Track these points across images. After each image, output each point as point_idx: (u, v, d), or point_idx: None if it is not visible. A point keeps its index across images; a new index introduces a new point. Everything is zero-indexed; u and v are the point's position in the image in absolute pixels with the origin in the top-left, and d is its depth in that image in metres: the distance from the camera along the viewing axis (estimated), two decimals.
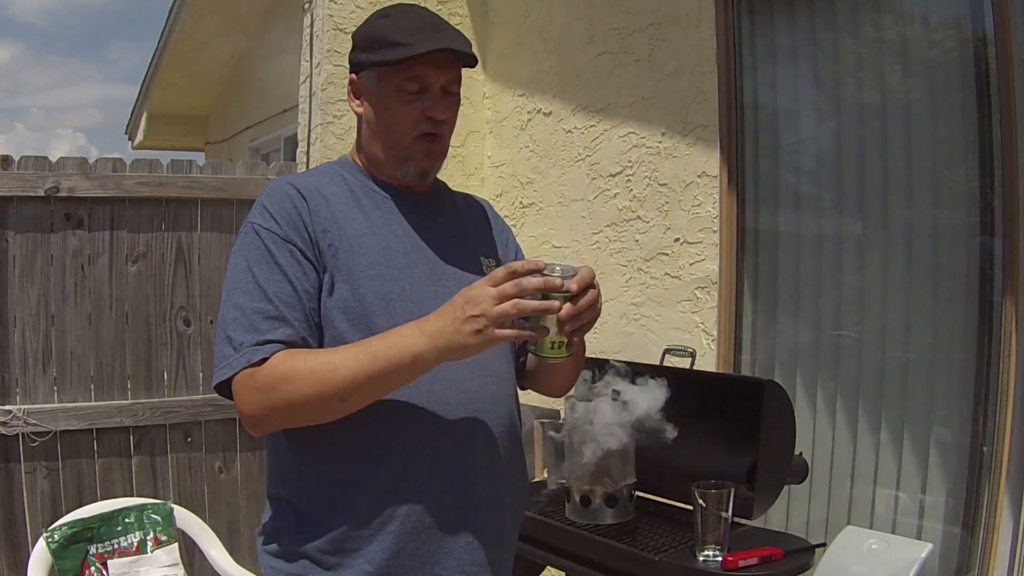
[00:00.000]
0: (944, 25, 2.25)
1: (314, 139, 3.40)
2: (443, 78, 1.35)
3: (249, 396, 1.23)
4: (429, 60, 1.31)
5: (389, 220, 1.38)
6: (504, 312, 1.14)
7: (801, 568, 1.90)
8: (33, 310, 2.99)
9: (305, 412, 1.24)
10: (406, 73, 1.33)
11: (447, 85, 1.36)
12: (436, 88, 1.34)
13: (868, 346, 2.37)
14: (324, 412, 1.24)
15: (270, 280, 1.27)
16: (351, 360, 1.20)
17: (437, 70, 1.33)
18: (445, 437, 1.30)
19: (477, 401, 1.33)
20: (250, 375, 1.23)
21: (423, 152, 1.37)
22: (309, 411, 1.23)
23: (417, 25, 1.34)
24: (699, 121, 2.72)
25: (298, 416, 1.25)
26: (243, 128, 6.29)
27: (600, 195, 3.09)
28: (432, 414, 1.29)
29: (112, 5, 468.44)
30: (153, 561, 2.51)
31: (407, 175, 1.39)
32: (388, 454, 1.28)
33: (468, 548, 1.32)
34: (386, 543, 1.27)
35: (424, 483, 1.28)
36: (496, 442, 1.35)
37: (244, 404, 1.24)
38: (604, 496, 2.12)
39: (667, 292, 2.82)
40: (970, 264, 2.16)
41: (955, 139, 2.20)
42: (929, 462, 2.21)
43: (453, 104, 1.38)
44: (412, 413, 1.28)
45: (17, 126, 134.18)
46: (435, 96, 1.35)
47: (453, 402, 1.31)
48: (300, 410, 1.23)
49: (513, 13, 3.53)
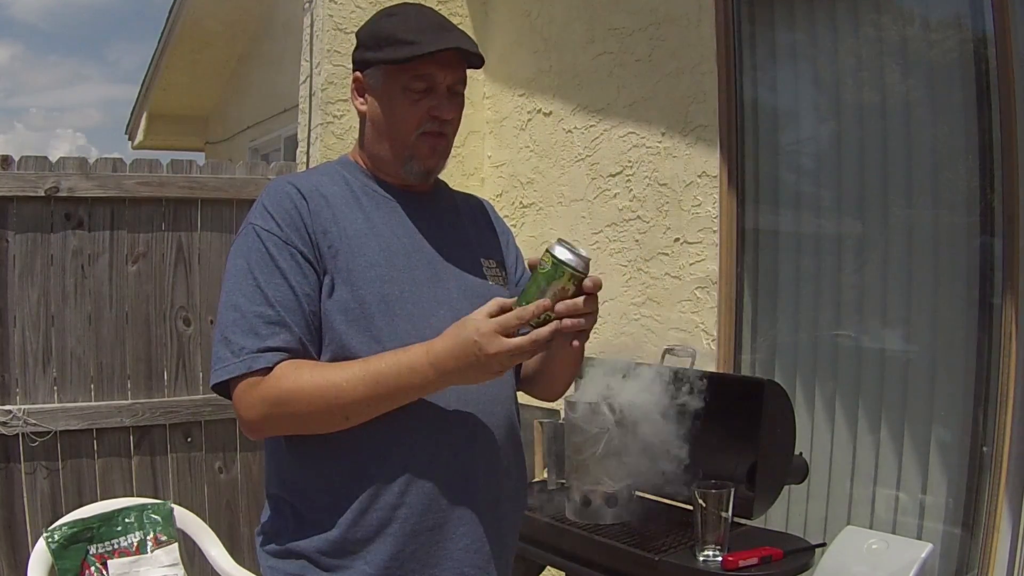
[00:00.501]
0: (944, 25, 2.25)
1: (314, 139, 3.40)
2: (449, 78, 1.35)
3: (252, 404, 1.25)
4: (437, 59, 1.32)
5: (390, 221, 1.38)
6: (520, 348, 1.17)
7: (801, 568, 1.90)
8: (33, 310, 2.99)
9: (307, 426, 1.27)
10: (413, 72, 1.33)
11: (453, 85, 1.36)
12: (442, 87, 1.35)
13: (868, 346, 2.37)
14: (326, 427, 1.27)
15: (271, 283, 1.27)
16: (357, 383, 1.21)
17: (444, 69, 1.34)
18: (444, 438, 1.30)
19: (477, 402, 1.33)
20: (254, 384, 1.24)
21: (429, 149, 1.37)
22: (311, 425, 1.27)
23: (425, 25, 1.35)
24: (699, 121, 2.72)
25: (299, 428, 1.29)
26: (243, 128, 6.29)
27: (600, 195, 3.09)
28: (431, 415, 1.29)
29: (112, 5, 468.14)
30: (153, 561, 2.51)
31: (411, 173, 1.39)
32: (387, 455, 1.28)
33: (468, 550, 1.32)
34: (385, 545, 1.27)
35: (423, 485, 1.28)
36: (496, 443, 1.35)
37: (246, 411, 1.26)
38: (604, 496, 2.12)
39: (667, 292, 2.82)
40: (970, 264, 2.16)
41: (955, 139, 2.20)
42: (929, 462, 2.21)
43: (458, 104, 1.39)
44: (411, 415, 1.27)
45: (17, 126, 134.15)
46: (441, 95, 1.35)
47: (452, 403, 1.31)
48: (302, 424, 1.27)
49: (513, 13, 3.53)
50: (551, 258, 1.19)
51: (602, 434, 2.09)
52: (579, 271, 1.19)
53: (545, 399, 1.57)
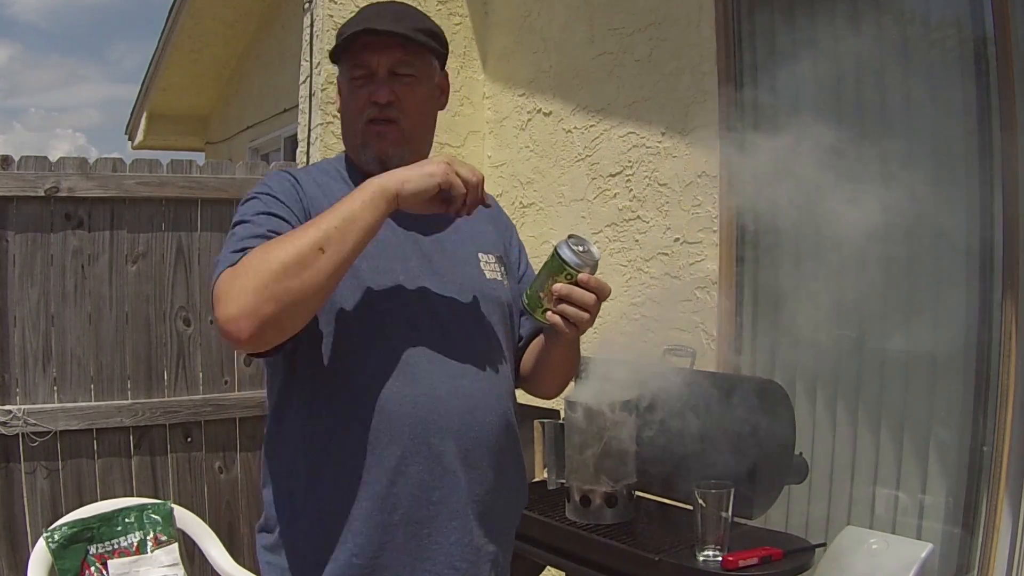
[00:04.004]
0: (944, 25, 2.25)
1: (314, 139, 3.40)
2: (385, 60, 1.35)
3: (228, 290, 1.15)
4: (367, 45, 1.34)
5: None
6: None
7: (801, 568, 1.90)
8: (33, 310, 2.99)
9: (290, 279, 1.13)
10: (352, 61, 1.36)
11: (393, 67, 1.36)
12: (382, 72, 1.35)
13: (868, 346, 2.37)
14: (311, 272, 1.14)
15: (263, 219, 1.28)
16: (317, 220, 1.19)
17: (376, 53, 1.35)
18: (434, 431, 1.30)
19: (469, 397, 1.33)
20: (230, 271, 1.18)
21: (375, 135, 1.37)
22: (294, 276, 1.13)
23: (367, 15, 1.37)
24: (699, 121, 2.72)
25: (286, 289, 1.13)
26: (243, 128, 6.29)
27: (600, 195, 3.09)
28: (422, 409, 1.29)
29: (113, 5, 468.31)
30: (153, 561, 2.51)
31: (367, 163, 1.39)
32: (376, 447, 1.28)
33: (459, 544, 1.32)
34: (374, 536, 1.27)
35: (412, 476, 1.28)
36: (489, 438, 1.35)
37: (223, 309, 1.14)
38: (604, 496, 2.12)
39: (667, 292, 2.82)
40: (970, 264, 2.16)
41: (955, 139, 2.19)
42: (929, 462, 2.21)
43: (403, 87, 1.36)
44: (402, 407, 1.28)
45: (16, 126, 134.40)
46: (380, 80, 1.35)
47: (444, 397, 1.31)
48: (284, 279, 1.13)
49: (513, 13, 3.53)
50: (554, 252, 1.28)
51: (602, 434, 2.09)
52: (573, 269, 1.26)
53: (544, 397, 1.57)
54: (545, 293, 1.28)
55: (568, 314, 1.27)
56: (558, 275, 1.27)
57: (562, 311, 1.27)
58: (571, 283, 1.27)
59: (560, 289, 1.27)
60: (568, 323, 1.28)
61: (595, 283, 1.27)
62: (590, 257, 1.28)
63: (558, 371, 1.49)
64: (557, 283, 1.27)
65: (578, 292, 1.27)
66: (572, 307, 1.27)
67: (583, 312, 1.27)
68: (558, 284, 1.27)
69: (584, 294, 1.27)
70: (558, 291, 1.27)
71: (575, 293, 1.27)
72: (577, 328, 1.28)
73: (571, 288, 1.27)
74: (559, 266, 1.27)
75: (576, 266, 1.26)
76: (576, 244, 1.28)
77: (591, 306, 1.27)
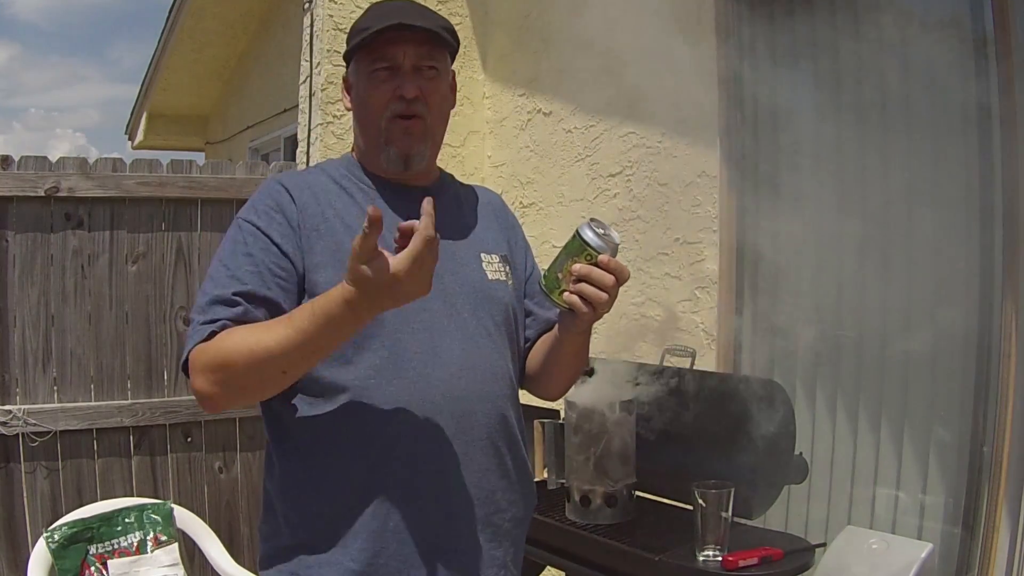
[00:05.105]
0: (944, 25, 2.25)
1: (314, 139, 3.40)
2: (411, 54, 1.35)
3: (196, 376, 1.23)
4: (392, 39, 1.33)
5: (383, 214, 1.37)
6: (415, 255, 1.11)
7: (801, 568, 1.90)
8: (33, 310, 2.99)
9: (252, 389, 1.24)
10: (375, 55, 1.35)
11: (417, 62, 1.36)
12: (406, 66, 1.35)
13: (868, 346, 2.36)
14: (271, 387, 1.24)
15: (239, 266, 1.28)
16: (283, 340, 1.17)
17: (402, 47, 1.34)
18: (427, 436, 1.29)
19: (463, 401, 1.32)
20: (200, 351, 1.23)
21: (401, 132, 1.37)
22: (256, 388, 1.24)
23: (385, 11, 1.37)
24: (699, 121, 2.72)
25: (246, 392, 1.25)
26: (243, 128, 6.29)
27: (600, 195, 3.09)
28: (414, 414, 1.28)
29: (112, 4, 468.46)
30: (153, 561, 2.51)
31: (390, 161, 1.38)
32: (368, 453, 1.27)
33: (455, 548, 1.31)
34: (368, 542, 1.27)
35: (404, 482, 1.28)
36: (485, 442, 1.34)
37: (194, 382, 1.24)
38: (604, 496, 2.12)
39: (667, 292, 2.82)
40: (970, 264, 2.16)
41: (955, 139, 2.19)
42: (929, 462, 2.21)
43: (427, 82, 1.37)
44: (394, 413, 1.27)
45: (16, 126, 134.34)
46: (405, 75, 1.35)
47: (437, 401, 1.30)
48: (246, 388, 1.23)
49: (513, 13, 3.53)
50: (575, 233, 1.28)
51: (602, 434, 2.09)
52: (594, 250, 1.26)
53: (548, 397, 1.56)
54: (564, 274, 1.28)
55: (587, 294, 1.26)
56: (578, 256, 1.27)
57: (580, 290, 1.26)
58: (591, 264, 1.26)
59: (580, 269, 1.26)
60: (586, 303, 1.27)
61: (615, 264, 1.27)
62: (611, 240, 1.28)
63: (566, 367, 1.48)
64: (577, 263, 1.27)
65: (597, 272, 1.26)
66: (591, 287, 1.26)
67: (602, 293, 1.26)
68: (578, 264, 1.27)
69: (604, 275, 1.26)
70: (577, 271, 1.26)
71: (595, 273, 1.26)
72: (595, 310, 1.27)
73: (591, 268, 1.26)
74: (580, 247, 1.27)
75: (597, 247, 1.26)
76: (598, 227, 1.29)
77: (610, 287, 1.27)
